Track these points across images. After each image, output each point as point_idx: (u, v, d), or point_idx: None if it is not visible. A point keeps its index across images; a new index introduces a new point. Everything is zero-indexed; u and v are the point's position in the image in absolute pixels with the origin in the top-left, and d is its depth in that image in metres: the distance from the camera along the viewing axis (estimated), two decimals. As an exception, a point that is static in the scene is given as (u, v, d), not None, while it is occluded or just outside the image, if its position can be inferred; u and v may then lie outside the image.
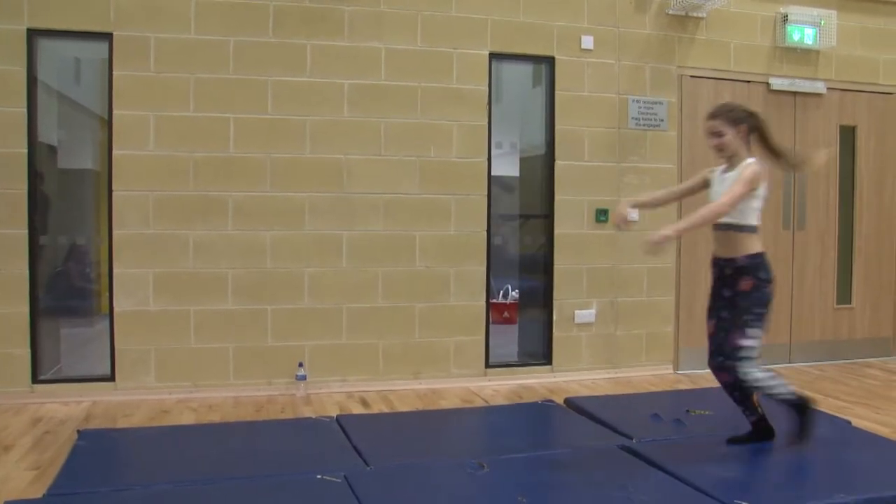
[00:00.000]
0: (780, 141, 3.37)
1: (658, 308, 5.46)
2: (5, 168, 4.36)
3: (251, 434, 3.77)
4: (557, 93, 5.21)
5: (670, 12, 5.40)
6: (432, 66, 4.95)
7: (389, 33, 4.87)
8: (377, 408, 4.45)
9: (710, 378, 3.32)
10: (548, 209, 5.26)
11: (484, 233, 5.10)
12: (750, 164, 3.22)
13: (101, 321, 4.93)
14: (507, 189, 5.66)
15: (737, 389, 3.37)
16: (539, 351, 5.35)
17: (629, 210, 3.42)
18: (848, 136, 5.97)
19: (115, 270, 4.55)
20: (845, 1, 5.77)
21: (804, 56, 5.74)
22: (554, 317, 5.26)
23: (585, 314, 5.31)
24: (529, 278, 5.79)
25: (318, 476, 3.03)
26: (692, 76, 5.51)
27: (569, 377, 5.25)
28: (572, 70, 5.22)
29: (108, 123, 4.53)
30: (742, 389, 3.37)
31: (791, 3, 5.63)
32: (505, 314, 6.58)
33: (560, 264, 5.26)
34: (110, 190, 4.54)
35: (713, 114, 3.34)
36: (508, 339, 5.67)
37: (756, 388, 3.24)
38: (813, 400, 3.38)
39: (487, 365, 5.14)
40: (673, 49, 5.45)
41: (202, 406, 4.43)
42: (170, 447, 3.52)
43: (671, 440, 3.60)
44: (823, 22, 5.66)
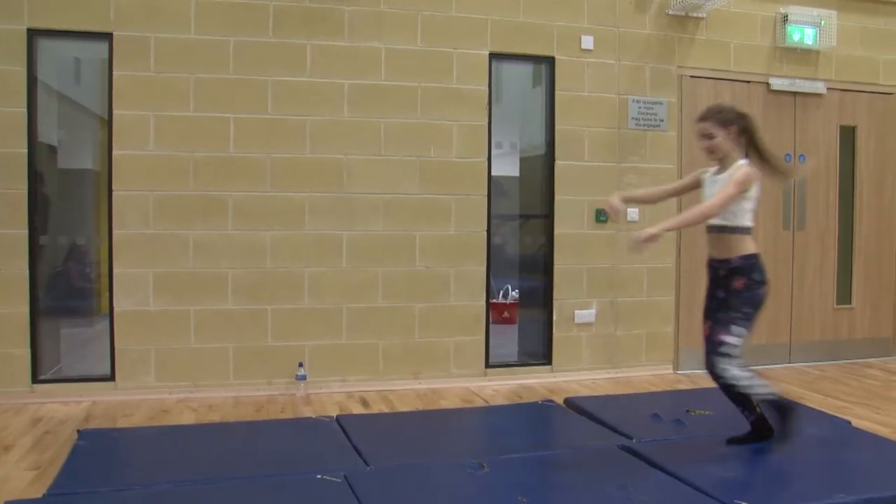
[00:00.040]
0: (771, 145, 3.37)
1: (658, 308, 5.46)
2: (5, 168, 4.36)
3: (251, 434, 3.77)
4: (557, 93, 5.21)
5: (670, 12, 5.40)
6: (432, 66, 4.95)
7: (389, 33, 4.87)
8: (377, 408, 4.45)
9: (710, 378, 3.32)
10: (548, 209, 5.26)
11: (484, 233, 5.10)
12: (741, 166, 3.21)
13: (101, 321, 4.93)
14: (501, 191, 5.64)
15: (735, 391, 3.39)
16: (539, 351, 5.35)
17: (620, 202, 3.43)
18: (848, 136, 5.97)
19: (115, 270, 4.55)
20: (845, 1, 5.77)
21: (804, 56, 5.74)
22: (554, 317, 5.26)
23: (585, 314, 5.31)
24: (529, 278, 5.79)
25: (318, 476, 3.03)
26: (692, 76, 5.51)
27: (569, 377, 5.25)
28: (572, 70, 5.23)
29: (108, 123, 4.53)
30: (740, 392, 3.38)
31: (791, 3, 5.63)
32: (505, 314, 6.58)
33: (560, 264, 5.26)
34: (110, 190, 4.54)
35: (703, 116, 3.33)
36: (508, 339, 5.67)
37: (733, 386, 3.22)
38: (792, 401, 3.39)
39: (487, 365, 5.14)
40: (673, 49, 5.45)
41: (202, 406, 4.43)
42: (170, 447, 3.52)
43: (671, 440, 3.60)
44: (823, 22, 5.66)
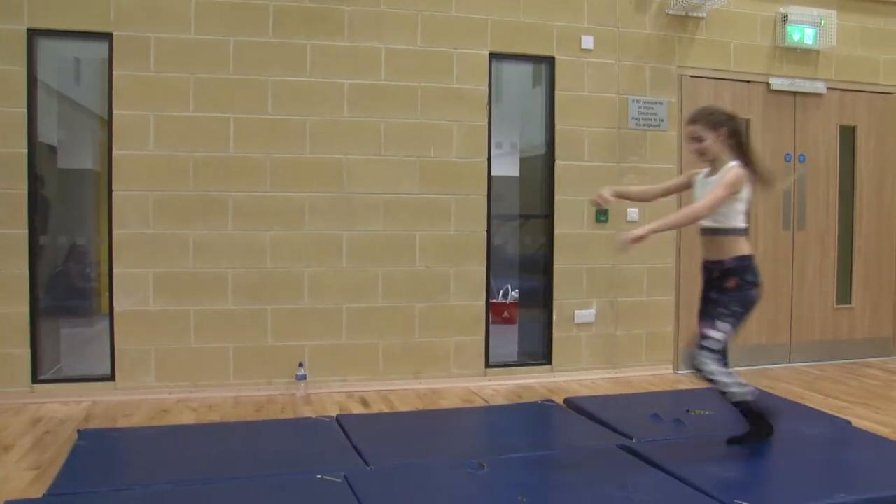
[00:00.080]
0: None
1: (658, 308, 5.46)
2: (5, 168, 4.36)
3: (251, 434, 3.77)
4: (557, 93, 5.21)
5: (670, 12, 5.40)
6: (432, 66, 4.95)
7: (389, 33, 4.87)
8: (377, 408, 4.45)
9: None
10: (548, 209, 5.26)
11: (484, 233, 5.10)
12: (732, 168, 3.21)
13: (101, 321, 4.93)
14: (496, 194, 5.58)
15: None
16: (539, 351, 5.35)
17: (610, 195, 3.44)
18: (848, 136, 5.96)
19: (115, 270, 4.55)
20: (845, 1, 5.77)
21: (804, 56, 5.73)
22: (554, 317, 5.26)
23: (585, 314, 5.31)
24: (529, 278, 5.79)
25: (318, 476, 3.03)
26: (692, 76, 5.51)
27: (569, 377, 5.25)
28: (572, 70, 5.22)
29: (108, 123, 4.53)
30: None
31: (791, 3, 5.63)
32: (505, 314, 6.58)
33: (560, 264, 5.26)
34: (110, 190, 4.54)
35: (693, 118, 3.33)
36: (508, 339, 5.67)
37: (710, 381, 3.20)
38: (768, 406, 3.38)
39: (487, 365, 5.14)
40: (673, 49, 5.45)
41: (202, 406, 4.43)
42: (170, 447, 3.52)
43: (671, 440, 3.60)
44: (823, 22, 5.66)
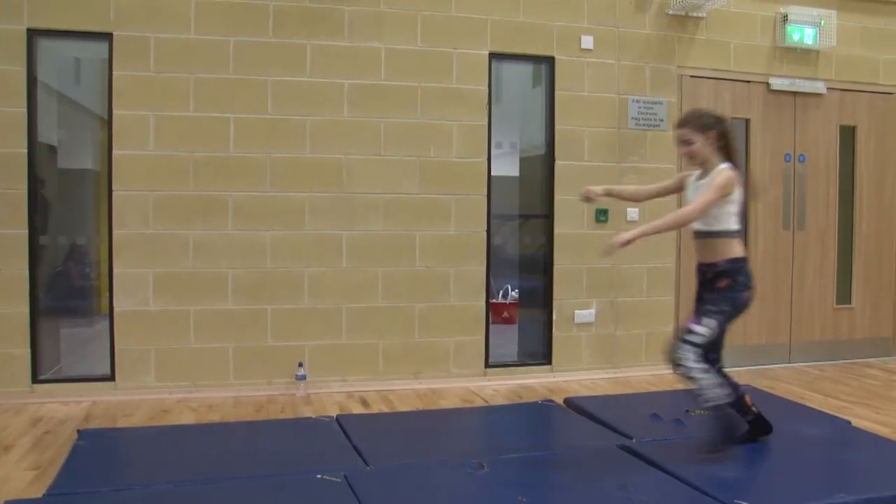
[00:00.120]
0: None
1: (658, 308, 5.46)
2: (5, 168, 4.36)
3: (251, 434, 3.77)
4: (557, 93, 5.21)
5: (670, 12, 5.40)
6: (432, 66, 4.95)
7: (389, 33, 4.87)
8: (377, 408, 4.45)
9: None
10: (548, 209, 5.26)
11: (484, 233, 5.10)
12: (723, 170, 3.20)
13: (101, 321, 4.93)
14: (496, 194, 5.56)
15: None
16: (539, 351, 5.35)
17: (600, 192, 3.46)
18: (848, 136, 5.96)
19: (115, 270, 4.55)
20: (845, 1, 5.77)
21: (804, 56, 5.73)
22: (554, 317, 5.26)
23: (585, 314, 5.31)
24: (529, 278, 5.79)
25: (318, 476, 3.03)
26: (692, 76, 5.51)
27: (568, 377, 5.25)
28: (572, 70, 5.22)
29: (108, 123, 4.53)
30: (732, 395, 3.38)
31: (791, 3, 5.63)
32: (505, 314, 6.58)
33: (560, 264, 5.26)
34: (110, 190, 4.54)
35: (682, 122, 3.33)
36: (508, 339, 5.67)
37: (686, 378, 3.18)
38: (738, 418, 3.36)
39: (487, 365, 5.14)
40: (673, 49, 5.45)
41: (202, 406, 4.43)
42: (170, 447, 3.52)
43: (671, 440, 3.60)
44: (823, 22, 5.66)
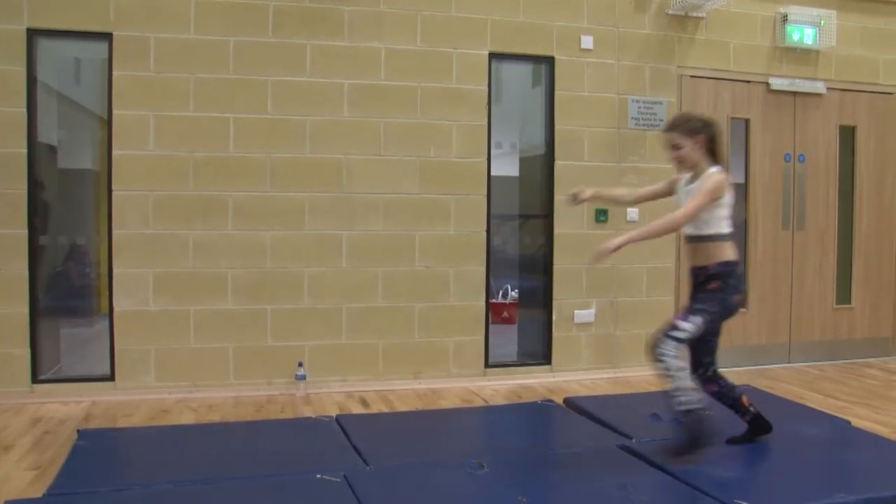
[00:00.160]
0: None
1: (658, 308, 5.45)
2: (5, 168, 4.36)
3: (251, 434, 3.77)
4: (557, 93, 5.21)
5: (670, 12, 5.40)
6: (432, 66, 4.95)
7: (389, 33, 4.87)
8: (377, 408, 4.45)
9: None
10: (548, 209, 5.26)
11: (484, 233, 5.10)
12: (713, 174, 3.20)
13: (101, 321, 4.93)
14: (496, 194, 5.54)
15: (724, 397, 3.42)
16: (538, 351, 5.35)
17: (589, 194, 3.48)
18: (848, 136, 5.96)
19: (115, 270, 4.55)
20: (845, 1, 5.77)
21: (804, 56, 5.74)
22: (553, 317, 5.26)
23: (585, 314, 5.31)
24: (529, 278, 5.79)
25: (318, 476, 3.03)
26: (692, 76, 5.51)
27: (568, 377, 5.25)
28: (572, 70, 5.22)
29: (108, 123, 4.53)
30: (729, 396, 3.40)
31: (791, 3, 5.63)
32: (504, 314, 6.58)
33: (560, 264, 5.26)
34: (110, 190, 4.54)
35: (670, 126, 3.33)
36: (508, 339, 5.67)
37: (662, 374, 3.16)
38: (710, 425, 3.21)
39: (487, 365, 5.14)
40: (673, 49, 5.45)
41: (202, 406, 4.43)
42: (170, 447, 3.52)
43: (671, 440, 3.59)
44: (823, 22, 5.66)
